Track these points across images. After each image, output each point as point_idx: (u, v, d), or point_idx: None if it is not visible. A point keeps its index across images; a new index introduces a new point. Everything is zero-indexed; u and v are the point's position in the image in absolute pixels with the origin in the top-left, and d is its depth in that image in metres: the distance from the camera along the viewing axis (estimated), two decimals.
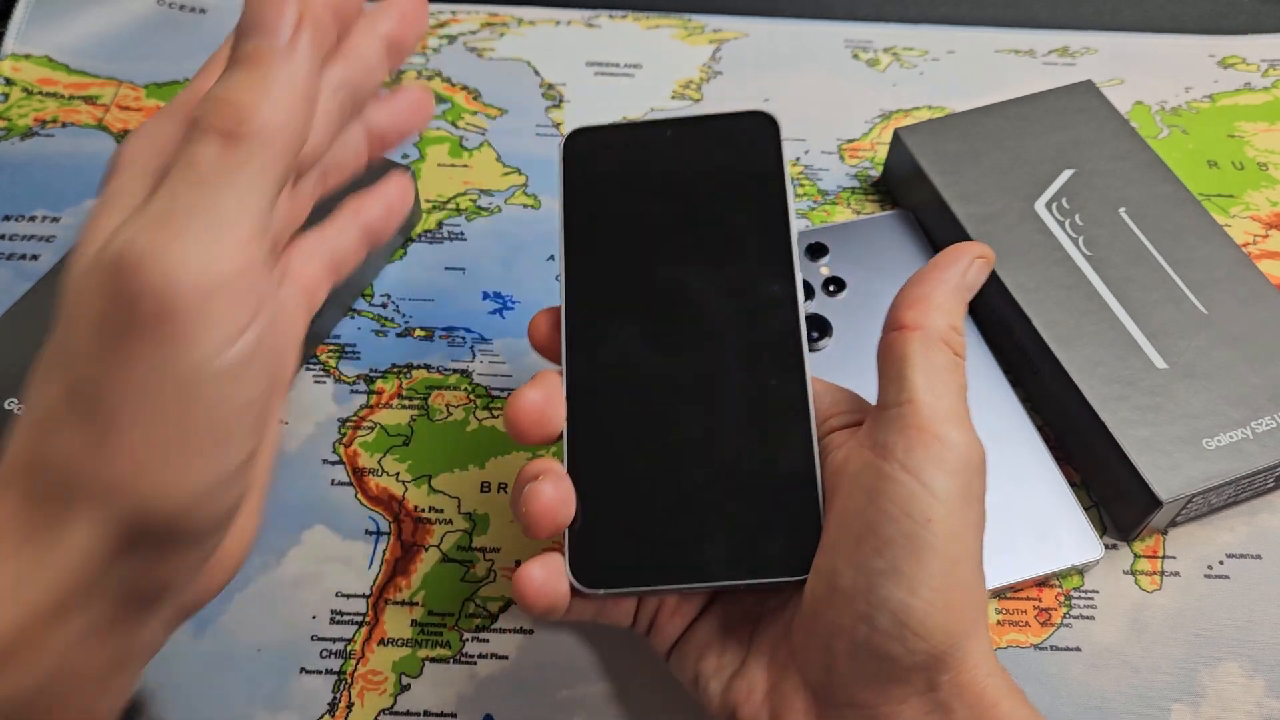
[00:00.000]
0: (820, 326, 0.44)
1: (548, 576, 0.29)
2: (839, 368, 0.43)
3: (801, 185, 0.52)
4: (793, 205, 0.34)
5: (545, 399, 0.30)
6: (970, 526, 0.27)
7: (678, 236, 0.34)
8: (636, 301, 0.33)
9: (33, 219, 0.49)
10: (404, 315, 0.46)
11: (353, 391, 0.43)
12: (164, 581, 0.23)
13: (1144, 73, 0.57)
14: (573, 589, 0.30)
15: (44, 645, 0.21)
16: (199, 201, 0.21)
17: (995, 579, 0.37)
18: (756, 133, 0.35)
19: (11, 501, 0.21)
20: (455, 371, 0.44)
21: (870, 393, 0.42)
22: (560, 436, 0.31)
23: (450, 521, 0.40)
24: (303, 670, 0.36)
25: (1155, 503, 0.37)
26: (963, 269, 0.31)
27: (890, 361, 0.29)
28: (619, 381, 0.32)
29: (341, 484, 0.41)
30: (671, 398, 0.32)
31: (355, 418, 0.42)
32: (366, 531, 0.39)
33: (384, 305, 0.46)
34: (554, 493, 0.29)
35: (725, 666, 0.31)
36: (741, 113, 0.35)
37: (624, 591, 0.30)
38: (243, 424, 0.22)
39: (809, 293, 0.45)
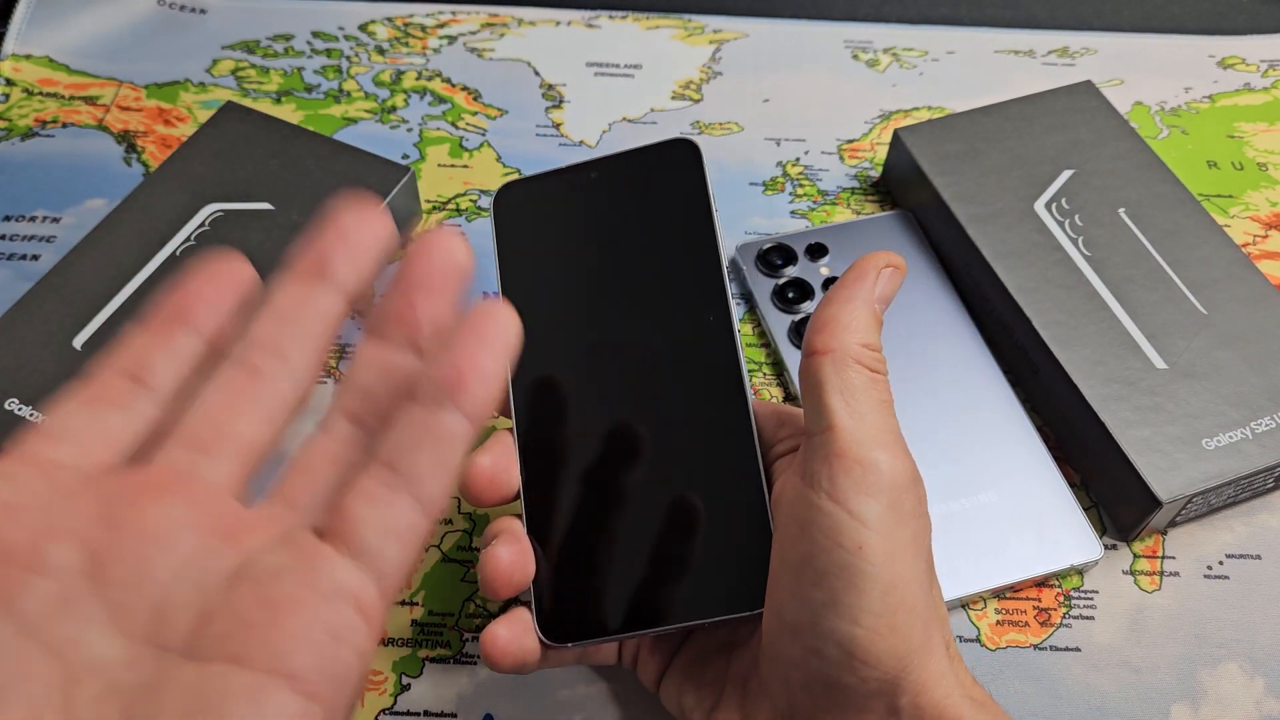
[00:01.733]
0: None
1: (513, 635, 0.30)
2: None
3: (801, 185, 0.52)
4: (720, 230, 0.33)
5: (495, 462, 0.31)
6: (906, 545, 0.27)
7: (612, 281, 0.34)
8: (578, 353, 0.33)
9: (33, 219, 0.49)
10: None
11: None
12: None
13: (1144, 73, 0.57)
14: (543, 644, 0.31)
15: None
16: None
17: (995, 579, 0.37)
18: (679, 161, 0.34)
19: None
20: None
21: None
22: (517, 495, 0.32)
23: (450, 522, 0.40)
24: None
25: (1155, 503, 0.37)
26: (870, 283, 0.30)
27: (808, 389, 0.29)
28: (568, 436, 0.33)
29: None
30: (620, 448, 0.32)
31: None
32: None
33: None
34: (509, 556, 0.30)
35: (705, 700, 0.31)
36: (662, 143, 0.35)
37: (591, 643, 0.31)
38: None
39: (809, 293, 0.45)
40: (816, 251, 0.46)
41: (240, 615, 0.18)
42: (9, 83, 0.54)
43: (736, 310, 0.33)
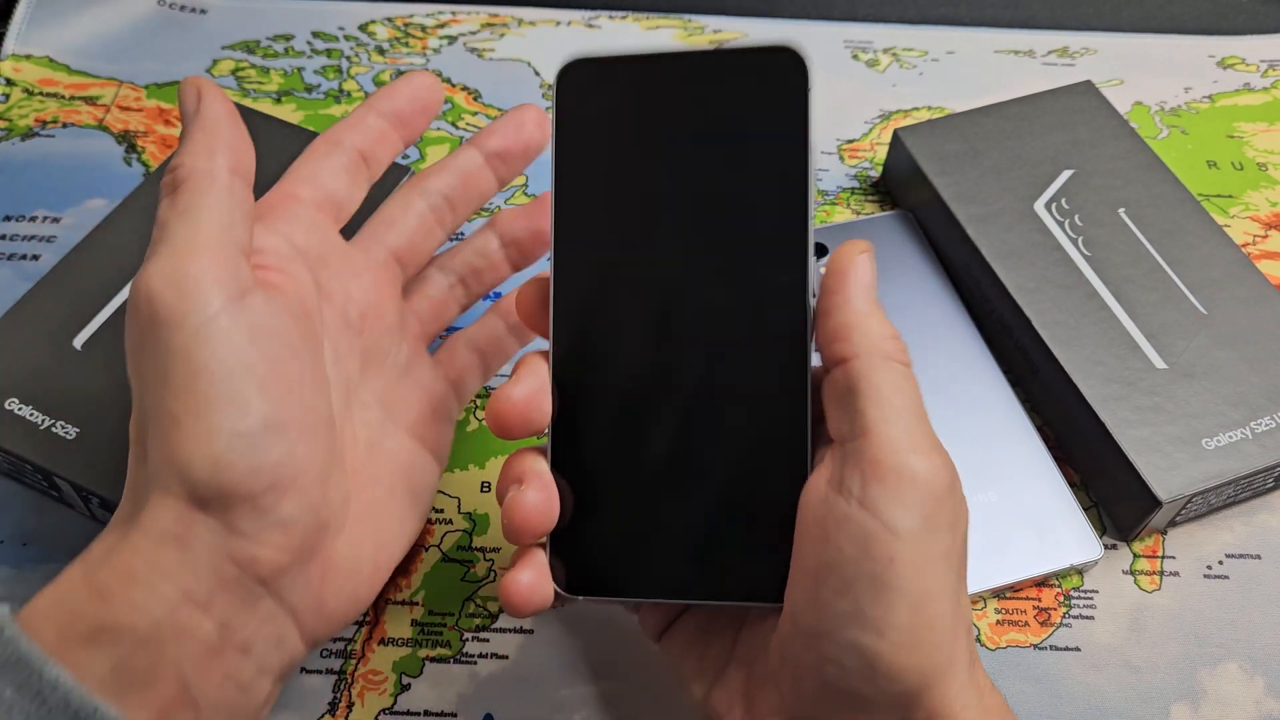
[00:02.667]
0: None
1: (534, 581, 0.29)
2: None
3: None
4: (813, 167, 0.29)
5: (528, 395, 0.29)
6: (938, 559, 0.26)
7: (682, 203, 0.30)
8: (632, 282, 0.30)
9: (33, 219, 0.49)
10: None
11: None
12: (251, 556, 0.26)
13: (1143, 73, 0.57)
14: (556, 593, 0.30)
15: (155, 591, 0.25)
16: (160, 237, 0.28)
17: (995, 579, 0.37)
18: (780, 75, 0.29)
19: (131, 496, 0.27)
20: None
21: None
22: (546, 428, 0.30)
23: (450, 521, 0.40)
24: (303, 670, 0.36)
25: (1154, 503, 0.37)
26: (860, 276, 0.29)
27: (836, 397, 0.28)
28: (609, 375, 0.30)
29: None
30: (662, 401, 0.29)
31: None
32: None
33: None
34: (536, 501, 0.29)
35: (706, 671, 0.30)
36: (764, 48, 0.29)
37: (603, 600, 0.30)
38: (245, 386, 0.26)
39: None
40: (817, 251, 0.46)
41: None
42: (9, 83, 0.54)
43: (815, 269, 0.29)
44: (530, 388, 0.29)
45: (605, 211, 0.30)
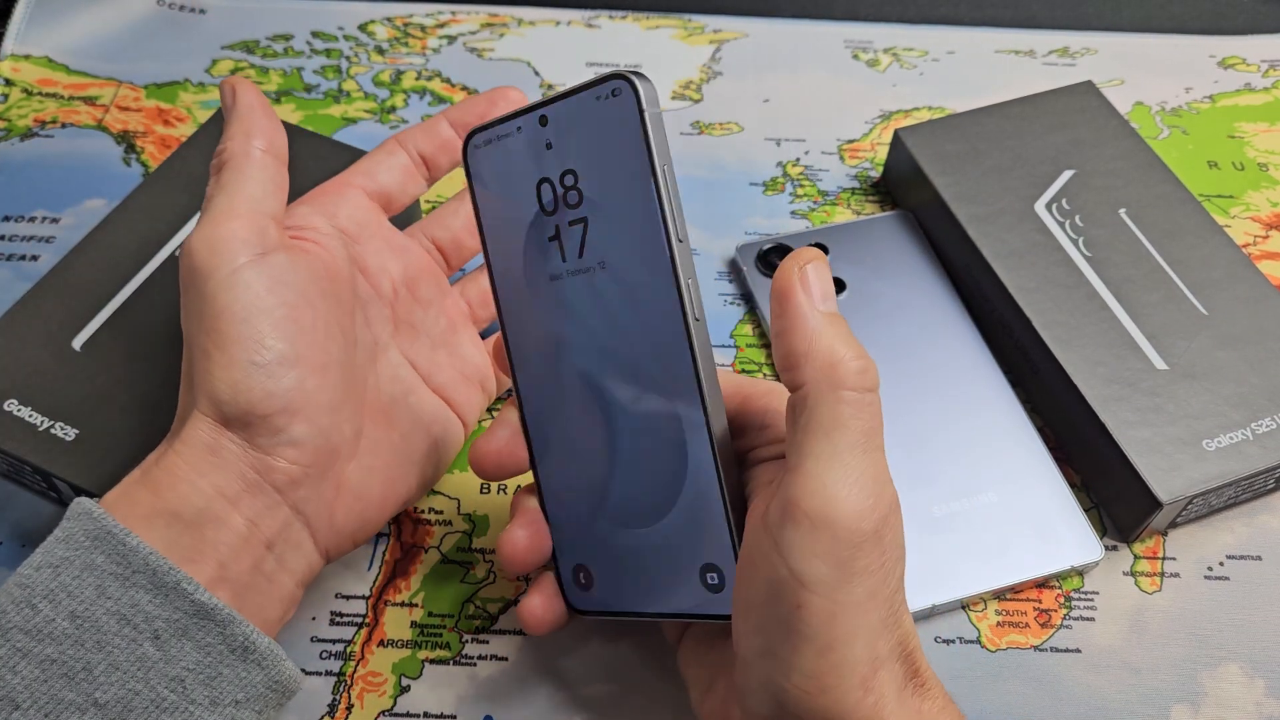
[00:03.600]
0: None
1: (546, 603, 0.33)
2: None
3: (802, 185, 0.52)
4: (665, 189, 0.28)
5: (503, 442, 0.33)
6: (855, 605, 0.25)
7: (565, 239, 0.31)
8: (556, 321, 0.32)
9: (32, 219, 0.49)
10: None
11: None
12: (268, 465, 0.31)
13: (1144, 73, 0.57)
14: (569, 606, 0.33)
15: (195, 486, 0.30)
16: (205, 208, 0.33)
17: (995, 580, 0.37)
18: (618, 103, 0.29)
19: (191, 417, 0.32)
20: None
21: None
22: (524, 469, 0.33)
23: (450, 523, 0.40)
24: (302, 671, 0.36)
25: (1155, 504, 0.37)
26: (809, 290, 0.28)
27: (791, 423, 0.27)
28: (565, 408, 0.32)
29: None
30: (603, 431, 0.32)
31: None
32: None
33: None
34: (526, 538, 0.32)
35: (701, 680, 0.31)
36: (599, 80, 0.29)
37: (603, 615, 0.32)
38: (261, 326, 0.31)
39: None
40: None
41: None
42: (8, 83, 0.54)
43: (691, 291, 0.29)
44: (502, 436, 0.33)
45: (521, 269, 0.32)
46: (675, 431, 0.30)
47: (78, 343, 0.40)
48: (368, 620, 0.37)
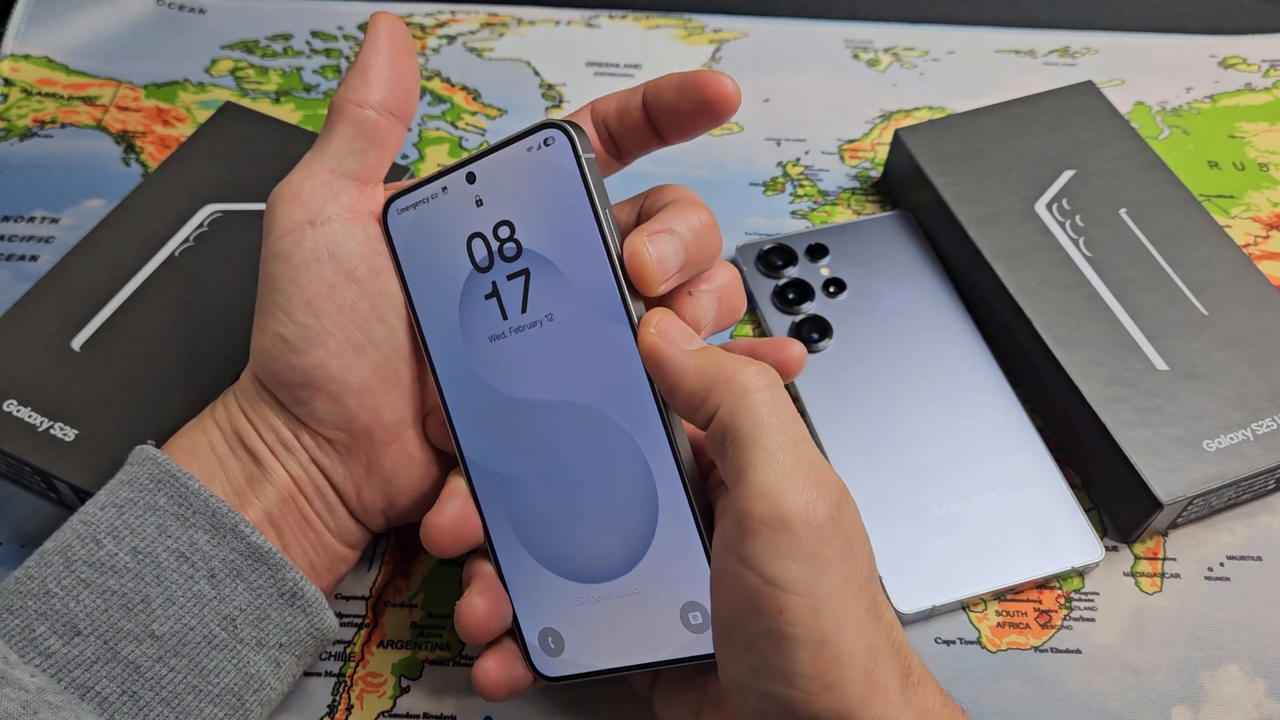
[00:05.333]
0: (821, 328, 0.44)
1: (502, 666, 0.32)
2: (839, 369, 0.43)
3: (802, 186, 0.51)
4: (612, 238, 0.29)
5: (455, 515, 0.32)
6: (834, 595, 0.25)
7: (504, 294, 0.30)
8: (503, 381, 0.31)
9: (31, 220, 0.49)
10: None
11: None
12: (295, 430, 0.32)
13: (1144, 73, 0.57)
14: (537, 676, 0.32)
15: (246, 431, 0.32)
16: (306, 156, 0.32)
17: (995, 581, 0.37)
18: (552, 151, 0.29)
19: None
20: None
21: (873, 394, 0.42)
22: (479, 541, 0.33)
23: None
24: (302, 672, 0.36)
25: (1155, 504, 0.37)
26: (675, 337, 0.28)
27: (716, 451, 0.27)
28: (517, 477, 0.31)
29: None
30: (565, 487, 0.31)
31: None
32: None
33: None
34: (485, 605, 0.32)
35: (686, 716, 0.31)
36: (528, 131, 0.29)
37: (576, 678, 0.32)
38: (295, 300, 0.31)
39: (809, 294, 0.45)
40: (817, 252, 0.46)
41: None
42: (8, 83, 0.54)
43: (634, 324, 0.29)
44: (454, 506, 0.32)
45: (459, 333, 0.31)
46: (643, 474, 0.29)
47: (77, 343, 0.39)
48: (367, 621, 0.37)
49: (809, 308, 0.45)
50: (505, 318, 0.31)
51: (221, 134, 0.47)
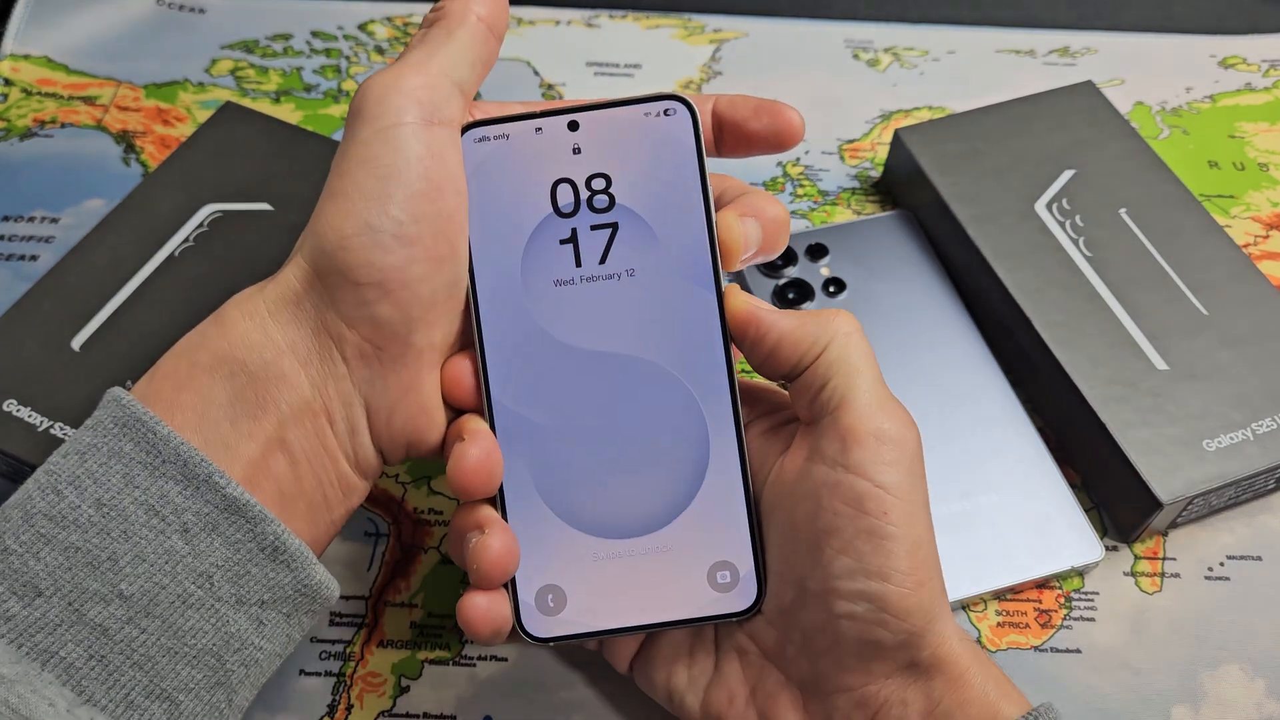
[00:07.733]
0: None
1: (491, 602, 0.30)
2: None
3: (802, 185, 0.51)
4: (712, 209, 0.31)
5: (483, 450, 0.30)
6: (921, 506, 0.29)
7: (583, 243, 0.31)
8: (559, 326, 0.31)
9: (31, 219, 0.49)
10: None
11: None
12: (340, 334, 0.30)
13: (1144, 73, 0.57)
14: (526, 637, 0.31)
15: (268, 335, 0.30)
16: (400, 57, 0.31)
17: (995, 581, 0.37)
18: (672, 122, 0.31)
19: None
20: None
21: None
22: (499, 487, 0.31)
23: (450, 523, 0.40)
24: (302, 672, 0.36)
25: (1155, 504, 0.37)
26: (764, 304, 0.31)
27: (810, 393, 0.30)
28: (552, 427, 0.31)
29: None
30: (608, 440, 0.31)
31: None
32: (366, 533, 0.39)
33: None
34: (500, 546, 0.30)
35: (698, 678, 0.31)
36: (650, 97, 0.31)
37: (568, 640, 0.31)
38: (395, 191, 0.29)
39: (809, 293, 0.45)
40: (817, 252, 0.46)
41: None
42: (8, 82, 0.54)
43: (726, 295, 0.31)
44: (485, 447, 0.30)
45: (519, 271, 0.31)
46: (698, 433, 0.31)
47: (77, 343, 0.39)
48: (367, 620, 0.37)
49: (809, 307, 0.45)
50: (579, 265, 0.31)
51: (221, 134, 0.47)
